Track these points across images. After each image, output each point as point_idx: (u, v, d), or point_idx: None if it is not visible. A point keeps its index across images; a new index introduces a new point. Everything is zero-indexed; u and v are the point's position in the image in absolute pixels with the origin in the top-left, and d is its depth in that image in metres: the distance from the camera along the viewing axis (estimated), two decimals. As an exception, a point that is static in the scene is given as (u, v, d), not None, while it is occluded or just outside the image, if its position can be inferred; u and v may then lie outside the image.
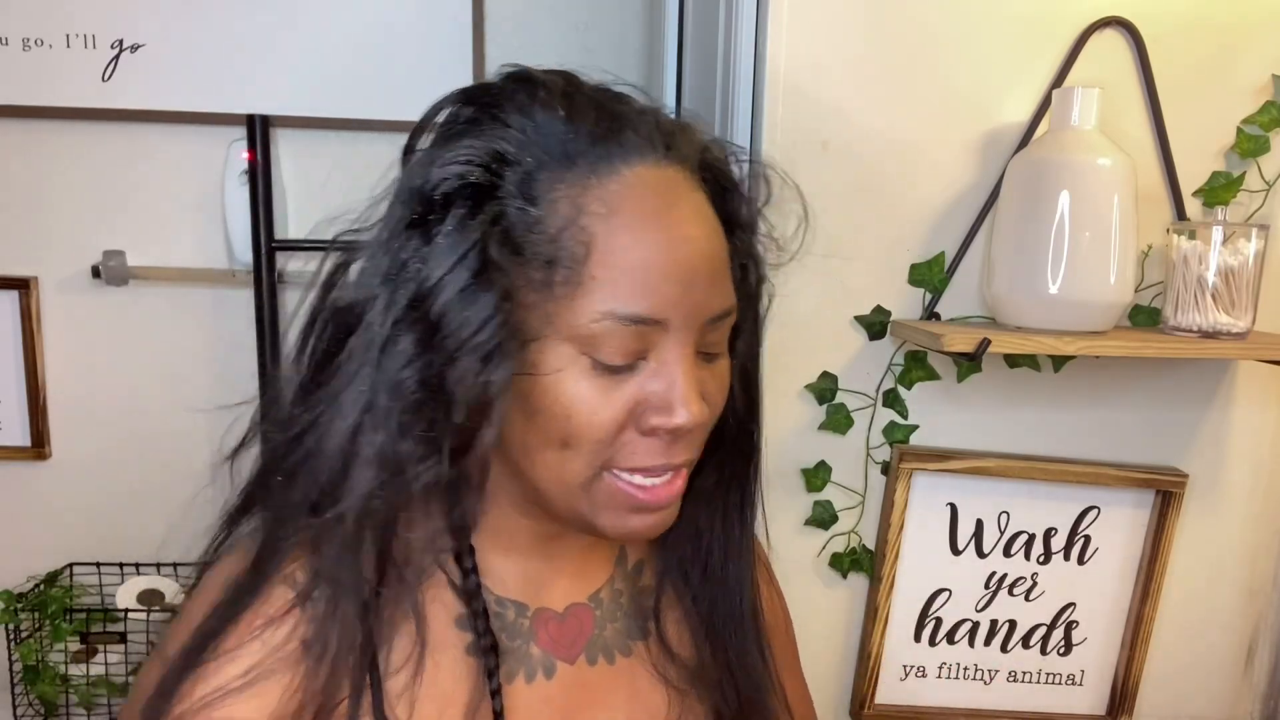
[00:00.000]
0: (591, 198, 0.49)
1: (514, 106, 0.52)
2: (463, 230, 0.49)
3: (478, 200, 0.49)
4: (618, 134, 0.51)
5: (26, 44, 1.35)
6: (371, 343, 0.50)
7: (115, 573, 1.48)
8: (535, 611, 0.60)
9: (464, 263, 0.48)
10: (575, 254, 0.48)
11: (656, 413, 0.51)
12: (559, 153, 0.50)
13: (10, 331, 1.43)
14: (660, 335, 0.50)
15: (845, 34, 0.96)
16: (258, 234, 1.36)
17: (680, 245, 0.50)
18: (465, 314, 0.48)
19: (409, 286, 0.49)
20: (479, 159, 0.50)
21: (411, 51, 1.41)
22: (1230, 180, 0.99)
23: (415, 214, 0.50)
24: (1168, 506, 1.03)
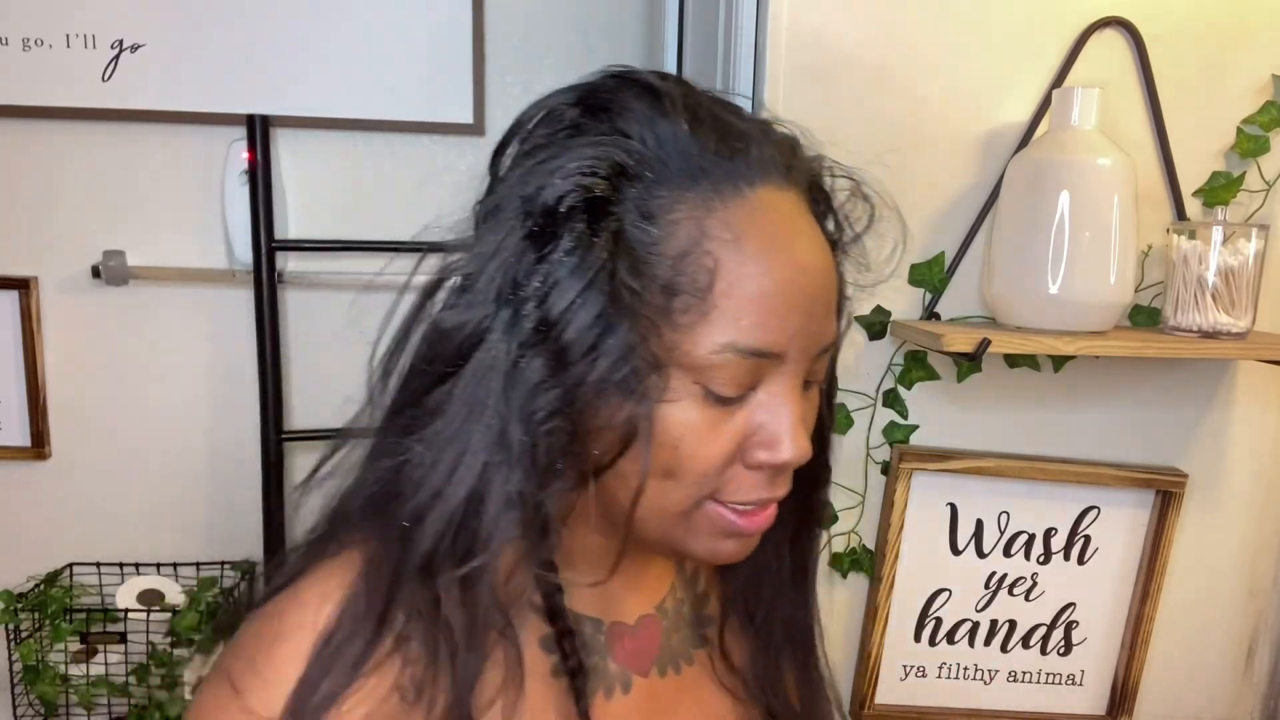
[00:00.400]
0: (716, 221, 0.46)
1: (633, 114, 0.48)
2: (586, 249, 0.45)
3: (596, 215, 0.46)
4: (743, 152, 0.48)
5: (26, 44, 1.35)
6: (493, 369, 0.46)
7: (115, 573, 1.48)
8: (610, 626, 0.58)
9: (594, 286, 0.45)
10: (698, 281, 0.45)
11: (763, 447, 0.49)
12: (682, 169, 0.47)
13: (10, 331, 1.43)
14: (775, 367, 0.48)
15: (845, 34, 0.96)
16: (258, 234, 1.36)
17: (804, 275, 0.48)
18: (603, 343, 0.45)
19: (531, 308, 0.45)
20: (601, 169, 0.46)
21: (411, 51, 1.41)
22: (1230, 180, 0.99)
23: (534, 227, 0.46)
24: (1168, 506, 1.04)
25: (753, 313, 0.46)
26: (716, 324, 0.46)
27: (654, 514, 0.50)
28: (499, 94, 1.47)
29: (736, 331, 0.46)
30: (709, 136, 0.48)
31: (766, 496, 0.51)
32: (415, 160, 1.46)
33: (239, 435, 1.48)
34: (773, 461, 0.49)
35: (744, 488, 0.50)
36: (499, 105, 1.47)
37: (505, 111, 1.47)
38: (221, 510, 1.51)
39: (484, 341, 0.46)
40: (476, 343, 0.47)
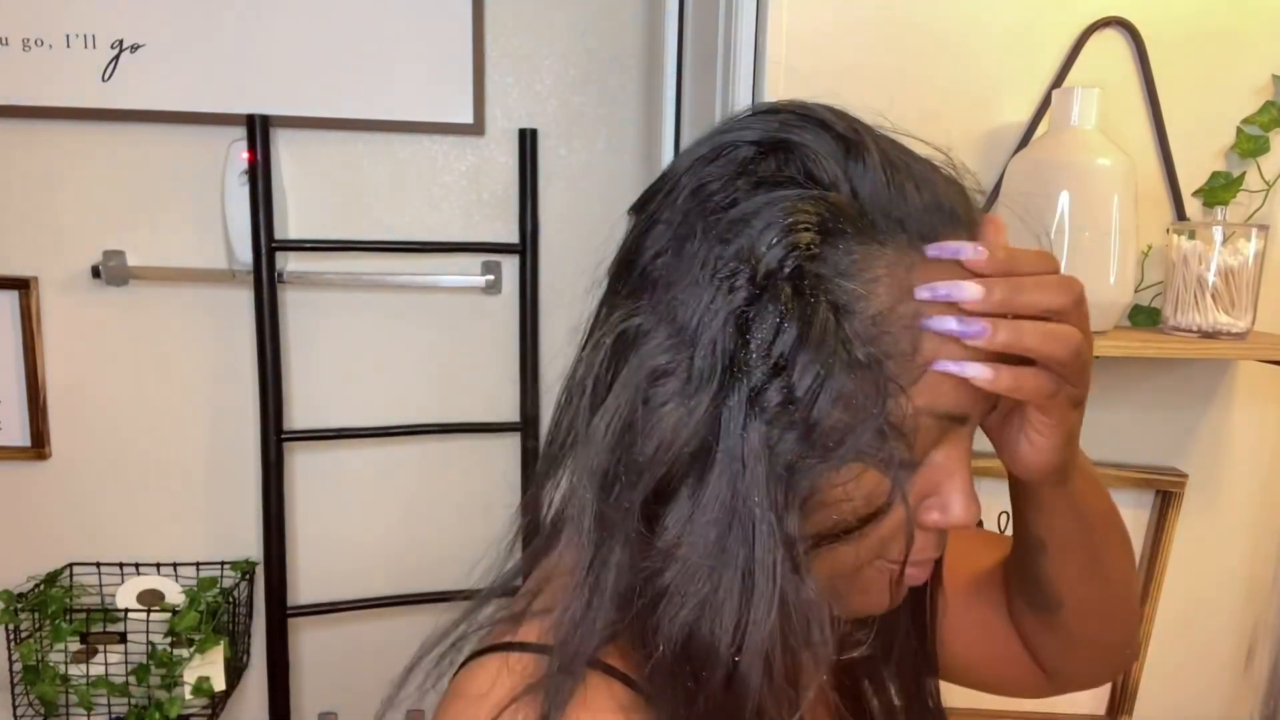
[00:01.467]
0: (917, 279, 0.43)
1: (824, 159, 0.44)
2: (807, 312, 0.41)
3: (801, 274, 0.41)
4: (935, 201, 0.45)
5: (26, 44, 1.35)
6: (745, 462, 0.41)
7: (115, 573, 1.48)
8: None
9: (836, 358, 0.41)
10: (900, 343, 0.42)
11: (937, 509, 0.47)
12: (880, 221, 0.43)
13: (10, 331, 1.43)
14: (956, 430, 0.46)
15: (845, 35, 0.96)
16: (258, 234, 1.36)
17: None
18: (853, 420, 0.41)
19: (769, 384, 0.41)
20: (811, 224, 0.42)
21: (412, 52, 1.41)
22: (1230, 180, 0.99)
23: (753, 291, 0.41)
24: (1168, 506, 1.03)
25: (952, 378, 0.43)
26: (920, 389, 0.43)
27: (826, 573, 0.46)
28: (499, 94, 1.47)
29: (935, 397, 0.43)
30: (904, 186, 0.44)
31: (932, 556, 0.50)
32: (415, 160, 1.46)
33: (239, 435, 1.48)
34: (944, 524, 0.47)
35: (916, 549, 0.47)
36: (499, 105, 1.47)
37: (505, 111, 1.47)
38: (221, 510, 1.51)
39: (724, 430, 0.41)
40: (712, 434, 0.42)
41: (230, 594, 1.44)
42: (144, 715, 1.39)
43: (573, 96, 1.50)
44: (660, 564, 0.43)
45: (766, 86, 0.96)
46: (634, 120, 1.54)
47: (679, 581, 0.42)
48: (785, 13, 0.95)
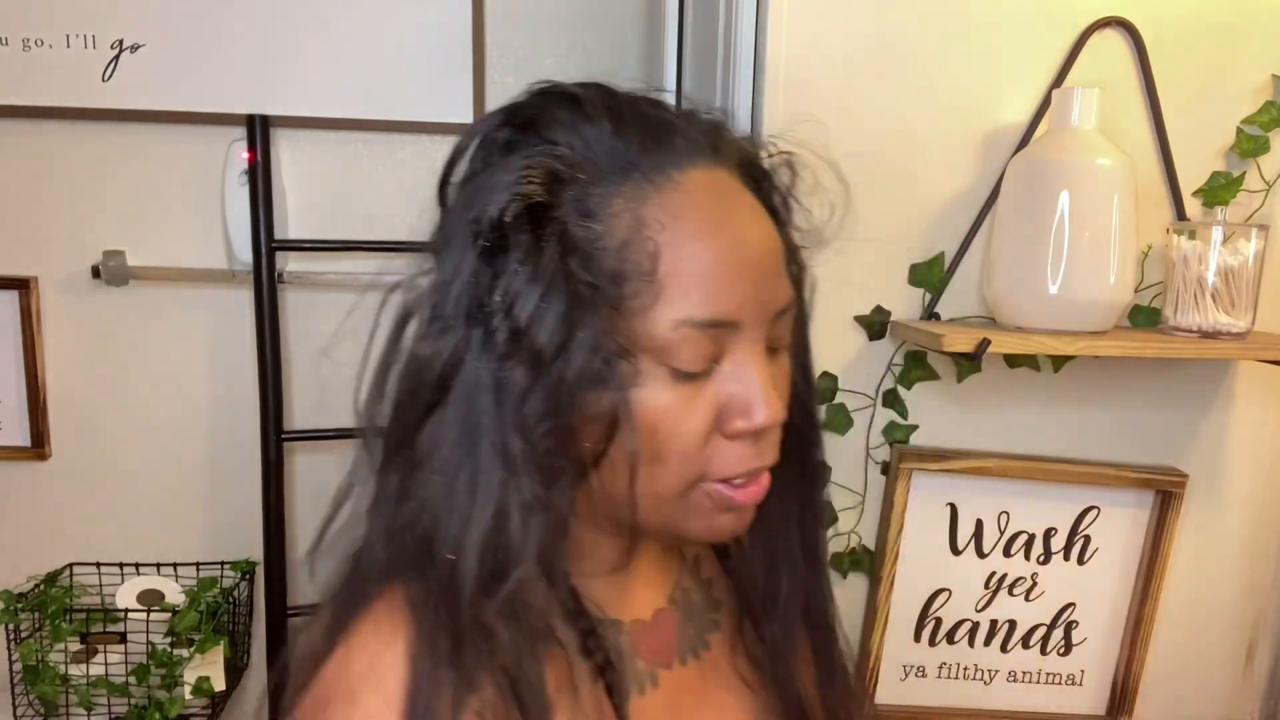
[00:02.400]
0: (651, 207, 0.49)
1: (557, 123, 0.51)
2: (537, 254, 0.47)
3: (539, 221, 0.48)
4: (668, 140, 0.51)
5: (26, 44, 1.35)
6: (479, 387, 0.48)
7: (115, 573, 1.47)
8: (630, 625, 0.59)
9: (553, 288, 0.47)
10: (643, 266, 0.48)
11: (739, 415, 0.51)
12: (611, 165, 0.50)
13: (10, 331, 1.43)
14: (734, 336, 0.50)
15: (845, 34, 0.96)
16: (258, 234, 1.36)
17: (744, 244, 0.50)
18: (573, 339, 0.47)
19: (500, 322, 0.47)
20: (536, 177, 0.48)
21: (412, 51, 1.41)
22: (1230, 180, 0.99)
23: (485, 244, 0.48)
24: (1168, 506, 1.03)
25: (700, 286, 0.48)
26: (668, 303, 0.48)
27: (651, 501, 0.52)
28: (499, 94, 1.47)
29: (689, 306, 0.48)
30: (633, 131, 0.50)
31: (755, 466, 0.52)
32: (415, 160, 1.46)
33: (239, 435, 1.48)
34: (750, 427, 0.51)
35: (731, 461, 0.51)
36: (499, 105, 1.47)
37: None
38: (221, 510, 1.51)
39: (463, 363, 0.48)
40: (456, 366, 0.48)
41: (230, 594, 1.44)
42: (144, 715, 1.39)
43: (573, 96, 1.50)
44: (416, 483, 0.49)
45: (766, 86, 0.96)
46: (634, 120, 1.54)
47: (425, 493, 0.49)
48: (785, 13, 0.95)
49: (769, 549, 0.62)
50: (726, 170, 0.53)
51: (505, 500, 0.48)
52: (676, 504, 0.52)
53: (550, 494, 0.48)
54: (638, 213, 0.49)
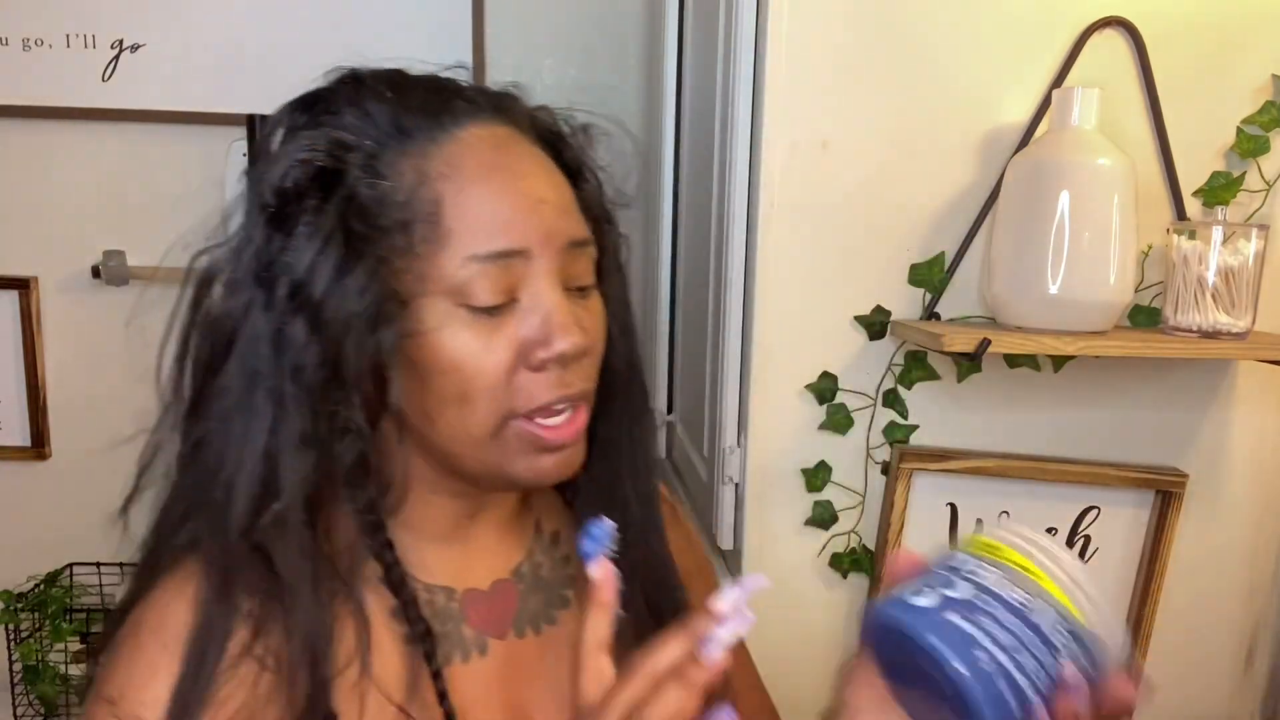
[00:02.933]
0: (433, 161, 0.53)
1: (344, 100, 0.56)
2: (320, 215, 0.52)
3: (327, 187, 0.52)
4: (446, 103, 0.56)
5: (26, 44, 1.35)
6: (258, 339, 0.52)
7: (115, 573, 1.48)
8: (463, 593, 0.61)
9: (331, 243, 0.51)
10: (428, 213, 0.52)
11: (540, 346, 0.53)
12: (394, 129, 0.54)
13: (10, 331, 1.43)
14: (524, 268, 0.53)
15: (845, 34, 0.96)
16: (258, 234, 1.36)
17: (522, 180, 0.54)
18: (344, 289, 0.51)
19: (284, 280, 0.52)
20: (321, 147, 0.53)
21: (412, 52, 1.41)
22: (1230, 180, 0.99)
23: (271, 211, 0.53)
24: (1168, 506, 1.03)
25: (483, 222, 0.52)
26: (455, 243, 0.52)
27: (465, 445, 0.55)
28: (499, 94, 1.47)
29: (473, 243, 0.52)
30: (414, 99, 0.55)
31: (560, 394, 0.54)
32: (415, 160, 1.46)
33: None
34: (550, 355, 0.53)
35: (537, 392, 0.54)
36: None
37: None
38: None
39: (247, 320, 0.53)
40: (241, 323, 0.53)
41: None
42: (144, 715, 1.39)
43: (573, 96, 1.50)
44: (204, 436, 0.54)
45: (766, 85, 0.96)
46: (634, 120, 1.54)
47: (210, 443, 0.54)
48: (785, 12, 0.95)
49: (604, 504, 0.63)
50: (510, 127, 0.57)
51: (275, 441, 0.52)
52: (492, 446, 0.55)
53: (341, 444, 0.52)
54: (421, 167, 0.53)
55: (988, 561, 0.46)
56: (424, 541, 0.60)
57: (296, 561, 0.52)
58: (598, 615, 0.51)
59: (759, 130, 0.98)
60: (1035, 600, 0.44)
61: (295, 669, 0.52)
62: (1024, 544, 0.46)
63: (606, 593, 0.51)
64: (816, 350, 1.02)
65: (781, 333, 1.00)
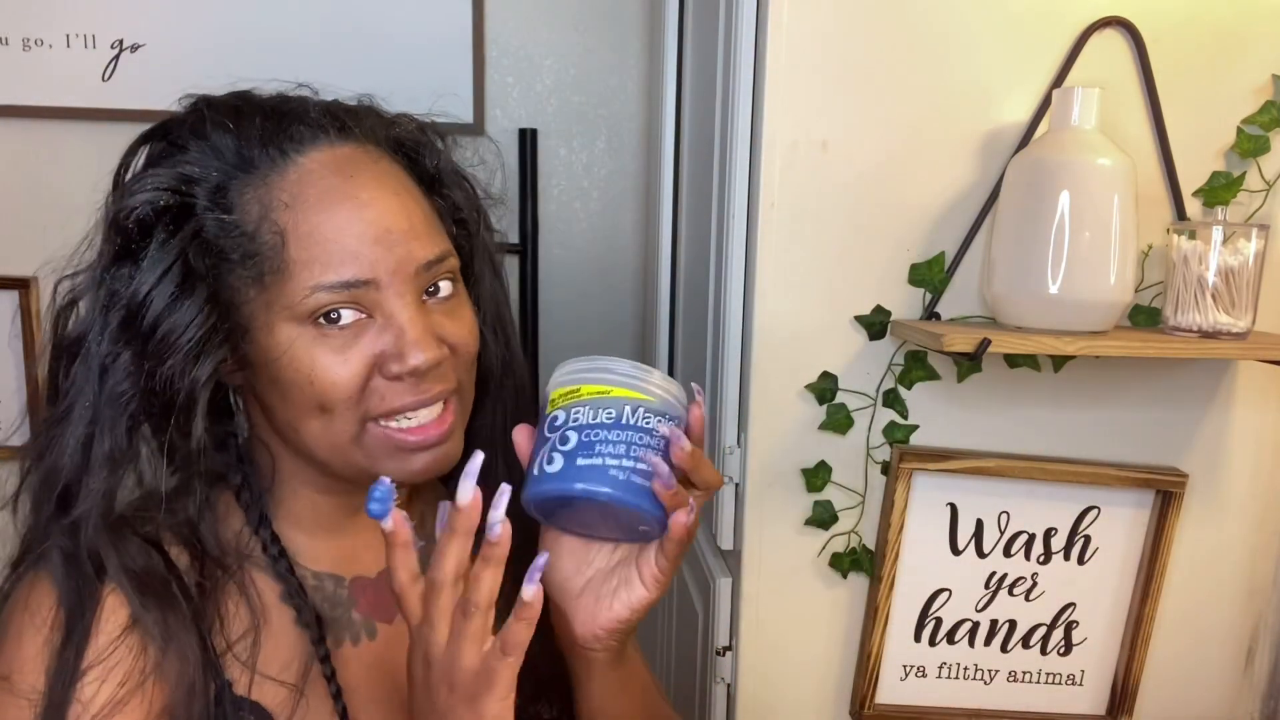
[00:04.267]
0: (276, 191, 0.55)
1: (189, 132, 0.58)
2: (164, 249, 0.55)
3: (176, 221, 0.56)
4: (286, 129, 0.58)
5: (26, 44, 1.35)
6: (91, 365, 0.56)
7: (115, 573, 1.47)
8: (352, 581, 0.65)
9: (168, 276, 0.54)
10: (273, 244, 0.54)
11: (393, 360, 0.56)
12: (236, 161, 0.57)
13: (10, 331, 1.43)
14: (375, 294, 0.56)
15: (845, 34, 0.96)
16: (258, 234, 1.36)
17: (366, 209, 0.56)
18: (174, 320, 0.54)
19: (121, 306, 0.55)
20: (165, 184, 0.56)
21: (412, 52, 1.41)
22: (1230, 180, 0.99)
23: (118, 245, 0.56)
24: (1168, 506, 1.03)
25: (326, 254, 0.54)
26: (301, 273, 0.54)
27: (330, 451, 0.58)
28: (499, 94, 1.47)
29: (319, 273, 0.54)
30: (253, 128, 0.58)
31: (415, 399, 0.57)
32: (415, 160, 1.46)
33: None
34: (403, 370, 0.56)
35: (391, 397, 0.57)
36: (499, 105, 1.47)
37: (505, 112, 1.47)
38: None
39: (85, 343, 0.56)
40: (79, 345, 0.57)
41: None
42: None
43: (573, 96, 1.50)
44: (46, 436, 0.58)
45: (766, 86, 0.96)
46: (634, 120, 1.54)
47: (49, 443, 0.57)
48: (785, 13, 0.95)
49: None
50: (355, 146, 0.59)
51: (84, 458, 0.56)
52: (356, 450, 0.58)
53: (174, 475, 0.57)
54: (264, 198, 0.55)
55: (574, 405, 0.55)
56: (311, 533, 0.64)
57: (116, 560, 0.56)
58: (402, 553, 0.52)
59: (759, 130, 0.98)
60: (619, 409, 0.54)
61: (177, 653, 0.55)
62: (586, 375, 0.55)
63: (403, 533, 0.52)
64: (816, 350, 1.02)
65: (781, 333, 1.00)
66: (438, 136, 0.67)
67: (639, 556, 0.60)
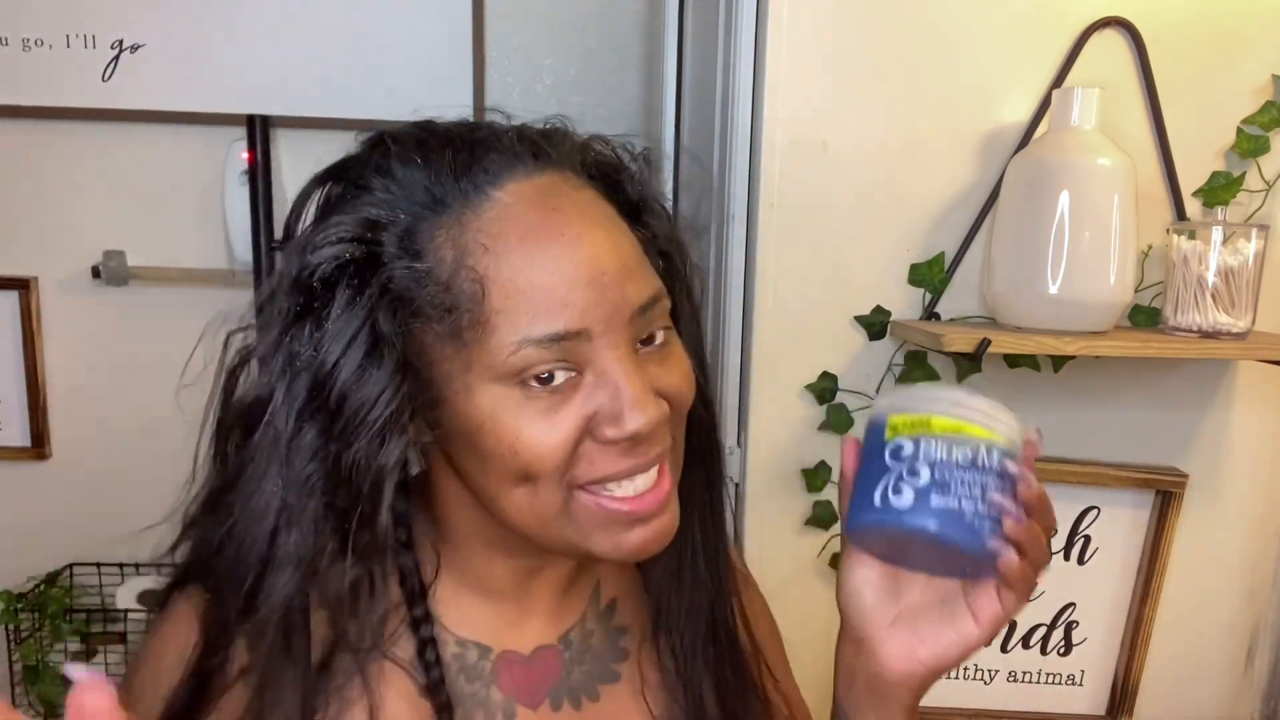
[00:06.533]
0: (471, 232, 0.47)
1: (372, 170, 0.51)
2: (351, 308, 0.48)
3: (362, 274, 0.48)
4: (479, 160, 0.50)
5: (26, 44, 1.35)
6: (277, 439, 0.49)
7: (115, 573, 1.47)
8: (499, 655, 0.57)
9: (355, 342, 0.47)
10: (471, 293, 0.46)
11: (609, 423, 0.48)
12: (426, 199, 0.49)
13: (10, 331, 1.43)
14: (587, 345, 0.48)
15: (845, 35, 0.96)
16: (258, 234, 1.36)
17: (575, 248, 0.48)
18: (362, 394, 0.48)
19: (305, 376, 0.48)
20: (350, 233, 0.49)
21: (412, 52, 1.41)
22: (1230, 180, 0.99)
23: (299, 304, 0.49)
24: (1168, 506, 1.03)
25: (533, 303, 0.47)
26: (504, 326, 0.46)
27: (535, 522, 0.50)
28: (499, 94, 1.47)
29: (525, 326, 0.46)
30: (442, 160, 0.50)
31: (629, 465, 0.49)
32: (415, 160, 1.46)
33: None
34: (620, 435, 0.48)
35: (600, 462, 0.49)
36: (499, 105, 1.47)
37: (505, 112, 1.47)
38: (221, 510, 1.51)
39: (268, 411, 0.49)
40: (262, 413, 0.50)
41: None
42: (144, 715, 1.39)
43: (573, 96, 1.50)
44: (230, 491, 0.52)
45: (766, 86, 0.96)
46: (634, 120, 1.54)
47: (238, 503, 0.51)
48: (785, 13, 0.95)
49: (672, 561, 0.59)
50: (554, 174, 0.51)
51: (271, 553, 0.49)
52: (564, 522, 0.50)
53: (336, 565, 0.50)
54: (459, 241, 0.47)
55: (925, 437, 0.52)
56: (469, 593, 0.57)
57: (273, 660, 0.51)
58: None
59: (759, 131, 0.98)
60: (974, 448, 0.52)
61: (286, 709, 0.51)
62: (936, 406, 0.53)
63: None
64: (816, 350, 1.02)
65: (781, 333, 1.00)
66: (639, 157, 0.58)
67: (972, 595, 0.55)
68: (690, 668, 0.60)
